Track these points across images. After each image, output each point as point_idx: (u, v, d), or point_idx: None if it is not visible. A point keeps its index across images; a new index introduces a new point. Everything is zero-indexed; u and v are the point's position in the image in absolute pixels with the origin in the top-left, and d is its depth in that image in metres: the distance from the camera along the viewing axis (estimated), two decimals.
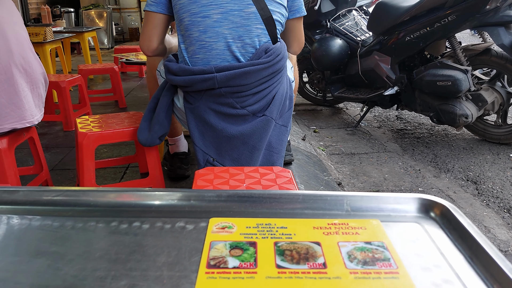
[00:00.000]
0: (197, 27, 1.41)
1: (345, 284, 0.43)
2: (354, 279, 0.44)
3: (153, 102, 1.57)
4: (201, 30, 1.41)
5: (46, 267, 0.45)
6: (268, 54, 1.41)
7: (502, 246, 1.75)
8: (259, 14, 1.40)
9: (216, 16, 1.39)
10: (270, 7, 1.41)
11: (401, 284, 0.43)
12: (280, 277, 0.44)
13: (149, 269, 0.45)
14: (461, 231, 0.50)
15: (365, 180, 2.39)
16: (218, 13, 1.39)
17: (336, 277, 0.44)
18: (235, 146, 1.44)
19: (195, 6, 1.39)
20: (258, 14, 1.40)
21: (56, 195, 0.58)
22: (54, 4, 8.06)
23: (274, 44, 1.46)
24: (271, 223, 0.55)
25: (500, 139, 2.77)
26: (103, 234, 0.52)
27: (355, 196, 0.59)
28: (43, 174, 1.89)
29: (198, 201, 0.59)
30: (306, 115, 3.66)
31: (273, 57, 1.41)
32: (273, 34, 1.45)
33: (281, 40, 1.51)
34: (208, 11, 1.39)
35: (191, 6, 1.39)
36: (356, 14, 3.50)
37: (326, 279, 0.44)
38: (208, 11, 1.39)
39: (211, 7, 1.39)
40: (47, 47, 3.70)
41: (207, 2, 1.38)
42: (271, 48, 1.43)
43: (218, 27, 1.40)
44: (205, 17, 1.39)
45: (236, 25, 1.40)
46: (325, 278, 0.44)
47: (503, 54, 2.51)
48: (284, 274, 0.44)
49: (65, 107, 2.86)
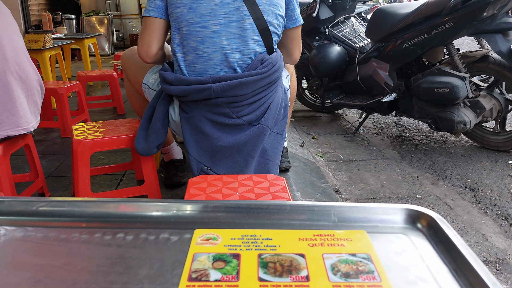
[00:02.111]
0: (195, 37, 1.40)
1: None
2: None
3: (149, 111, 1.57)
4: (199, 40, 1.40)
5: (26, 280, 0.45)
6: (264, 65, 1.42)
7: (500, 255, 1.74)
8: (256, 25, 1.40)
9: (215, 26, 1.39)
10: (266, 18, 1.42)
11: None
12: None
13: (129, 282, 0.44)
14: (447, 243, 0.49)
15: (363, 187, 2.39)
16: (216, 24, 1.39)
17: None
18: (229, 155, 1.44)
19: (193, 16, 1.39)
20: (255, 25, 1.40)
21: (41, 206, 0.58)
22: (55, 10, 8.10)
23: (270, 55, 1.46)
24: (256, 234, 0.54)
25: (498, 146, 2.76)
26: (86, 246, 0.51)
27: (342, 206, 0.58)
28: (38, 181, 1.89)
29: (184, 212, 0.58)
30: (305, 121, 3.66)
31: (269, 68, 1.42)
32: (269, 45, 1.46)
33: (277, 50, 1.52)
34: (207, 21, 1.39)
35: (190, 15, 1.39)
36: (355, 21, 3.51)
37: None
38: (207, 22, 1.39)
39: (210, 17, 1.38)
40: (47, 53, 3.71)
41: (206, 13, 1.38)
42: (267, 59, 1.43)
43: (217, 37, 1.39)
44: (203, 28, 1.39)
45: (234, 36, 1.40)
46: None
47: (500, 61, 2.51)
48: None
49: (62, 114, 2.86)
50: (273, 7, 1.43)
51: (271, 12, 1.43)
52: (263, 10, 1.40)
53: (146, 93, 1.74)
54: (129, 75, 1.87)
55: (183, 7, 1.39)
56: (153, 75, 1.71)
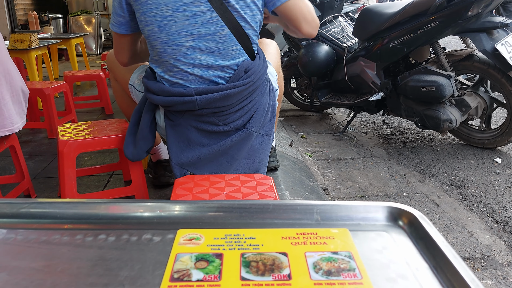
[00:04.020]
0: (170, 55, 1.33)
1: None
2: None
3: (136, 116, 1.54)
4: (175, 57, 1.33)
5: (4, 283, 0.44)
6: (248, 74, 1.36)
7: (485, 251, 1.77)
8: (233, 35, 1.33)
9: (188, 43, 1.31)
10: (242, 24, 1.33)
11: None
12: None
13: (110, 284, 0.44)
14: (427, 240, 0.50)
15: (351, 185, 2.40)
16: (190, 40, 1.30)
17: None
18: (214, 158, 1.42)
19: (164, 35, 1.31)
20: (232, 35, 1.32)
21: (22, 208, 0.57)
22: (42, 10, 8.01)
23: (253, 60, 1.40)
24: (239, 233, 0.54)
25: (484, 143, 2.80)
26: (66, 248, 0.51)
27: (324, 205, 0.58)
28: (24, 182, 1.87)
29: (167, 212, 0.58)
30: (294, 120, 3.67)
31: (253, 77, 1.36)
32: (249, 51, 1.39)
33: (259, 52, 1.46)
34: (179, 39, 1.30)
35: (160, 34, 1.31)
36: (342, 20, 3.52)
37: None
38: (179, 39, 1.30)
39: (182, 34, 1.29)
40: (33, 53, 3.66)
41: (177, 30, 1.29)
42: (251, 68, 1.37)
43: (192, 53, 1.32)
44: (177, 46, 1.31)
45: (211, 50, 1.32)
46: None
47: (485, 60, 2.54)
48: (248, 287, 0.44)
49: (49, 114, 2.83)
50: (247, 8, 1.32)
51: (247, 15, 1.33)
52: (237, 17, 1.31)
53: (133, 94, 1.72)
54: (115, 74, 1.85)
55: (152, 25, 1.31)
56: (138, 75, 1.69)
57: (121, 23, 1.39)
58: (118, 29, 1.41)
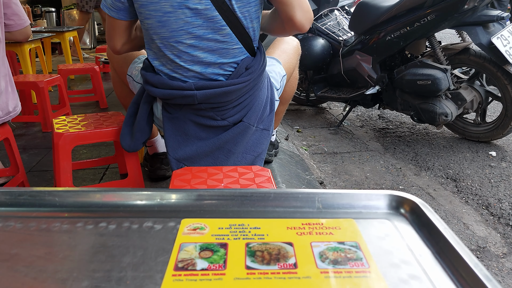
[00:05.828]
0: (170, 50, 1.31)
1: (315, 283, 0.42)
2: (324, 279, 0.43)
3: (133, 107, 1.53)
4: (175, 54, 1.31)
5: (5, 270, 0.44)
6: (249, 72, 1.34)
7: (481, 243, 1.78)
8: (234, 34, 1.29)
9: (189, 41, 1.28)
10: (244, 23, 1.29)
11: (371, 282, 0.42)
12: (249, 278, 0.43)
13: (112, 270, 0.44)
14: (430, 227, 0.50)
15: (347, 179, 2.41)
16: (191, 38, 1.28)
17: (306, 277, 0.43)
18: (210, 152, 1.41)
19: (164, 30, 1.27)
20: (234, 35, 1.29)
21: (20, 196, 0.57)
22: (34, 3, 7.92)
23: (254, 57, 1.38)
24: (244, 223, 0.54)
25: (479, 137, 2.81)
26: (67, 235, 0.50)
27: (326, 193, 0.58)
28: (19, 175, 1.85)
29: (167, 201, 0.58)
30: (290, 115, 3.66)
31: (254, 75, 1.35)
32: (250, 48, 1.37)
33: (260, 48, 1.42)
34: (180, 36, 1.27)
35: (161, 29, 1.28)
36: (338, 14, 3.51)
37: (295, 279, 0.43)
38: (180, 37, 1.27)
39: (182, 32, 1.26)
40: (26, 46, 3.61)
41: (178, 27, 1.25)
42: (252, 65, 1.35)
43: (193, 51, 1.30)
44: (177, 43, 1.28)
45: (211, 49, 1.30)
46: (294, 278, 0.43)
47: (481, 53, 2.55)
48: (253, 275, 0.44)
49: (43, 108, 2.81)
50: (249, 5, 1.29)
51: (248, 12, 1.29)
52: (239, 15, 1.27)
53: (131, 85, 1.71)
54: (114, 64, 1.82)
55: (152, 19, 1.28)
56: (136, 66, 1.68)
57: (120, 9, 1.33)
58: (116, 14, 1.34)
